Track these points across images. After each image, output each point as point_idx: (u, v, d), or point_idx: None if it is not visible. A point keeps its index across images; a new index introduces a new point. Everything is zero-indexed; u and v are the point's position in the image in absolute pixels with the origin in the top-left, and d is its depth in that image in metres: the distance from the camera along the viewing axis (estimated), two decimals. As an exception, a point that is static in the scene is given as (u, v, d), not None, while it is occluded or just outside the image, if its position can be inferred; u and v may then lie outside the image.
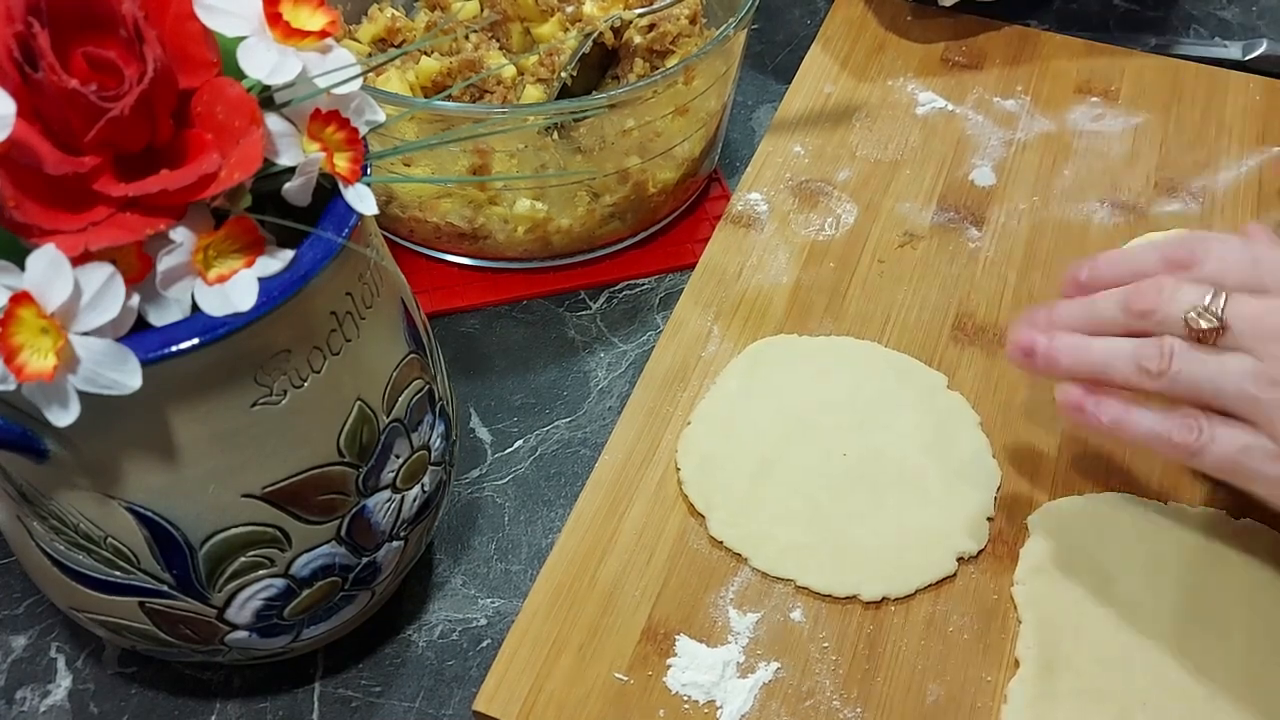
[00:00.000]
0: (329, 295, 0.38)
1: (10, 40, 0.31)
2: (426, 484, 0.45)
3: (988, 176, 0.70)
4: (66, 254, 0.31)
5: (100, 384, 0.32)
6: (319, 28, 0.35)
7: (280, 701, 0.49)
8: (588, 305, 0.65)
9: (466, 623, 0.52)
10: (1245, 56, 0.79)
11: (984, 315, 0.63)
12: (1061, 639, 0.49)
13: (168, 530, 0.38)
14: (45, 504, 0.38)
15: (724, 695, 0.48)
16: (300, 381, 0.38)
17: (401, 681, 0.50)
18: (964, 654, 0.49)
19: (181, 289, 0.34)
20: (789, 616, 0.50)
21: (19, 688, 0.49)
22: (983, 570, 0.52)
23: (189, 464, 0.37)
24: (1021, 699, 0.47)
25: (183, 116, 0.34)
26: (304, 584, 0.42)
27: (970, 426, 0.57)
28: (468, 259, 0.66)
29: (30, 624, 0.51)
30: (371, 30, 0.69)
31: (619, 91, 0.59)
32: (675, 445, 0.56)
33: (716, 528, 0.53)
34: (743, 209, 0.68)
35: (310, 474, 0.40)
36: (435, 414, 0.45)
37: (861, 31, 0.80)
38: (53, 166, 0.32)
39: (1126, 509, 0.54)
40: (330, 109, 0.36)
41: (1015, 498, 0.55)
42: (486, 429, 0.59)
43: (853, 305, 0.63)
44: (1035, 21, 0.83)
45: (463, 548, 0.55)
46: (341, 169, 0.36)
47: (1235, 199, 0.69)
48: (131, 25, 0.32)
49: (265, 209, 0.35)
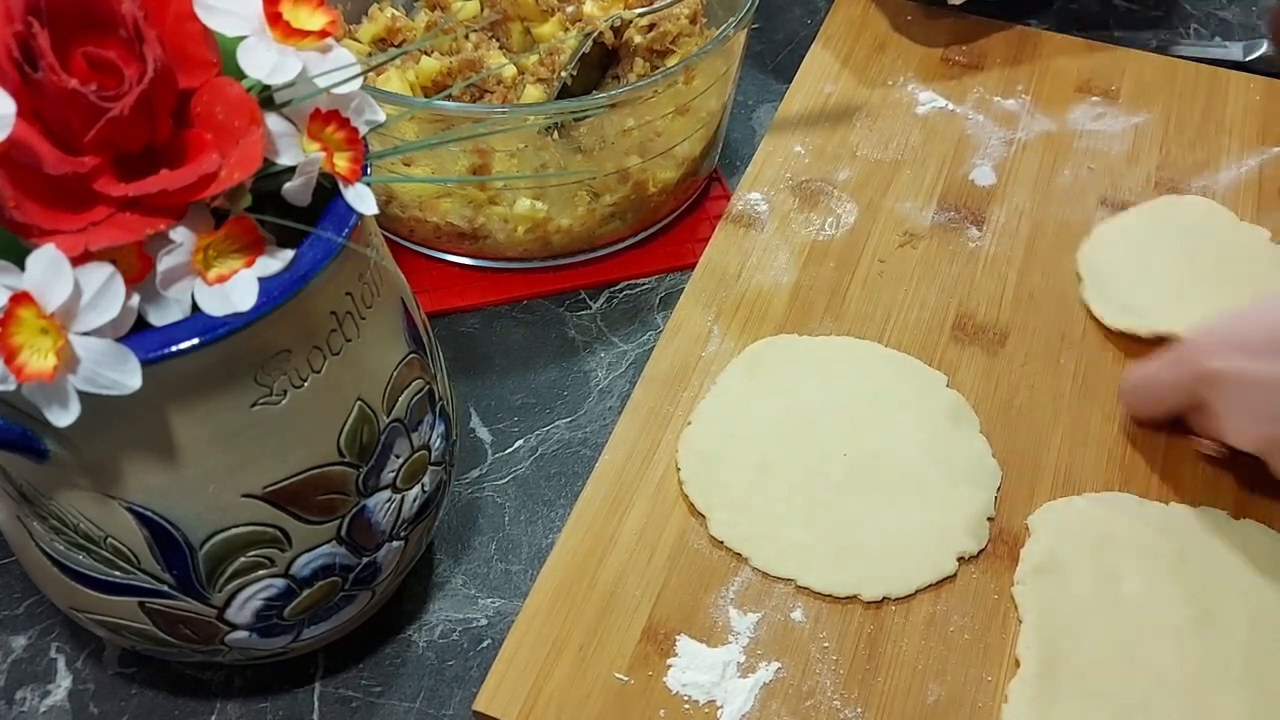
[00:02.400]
0: (329, 295, 0.38)
1: (10, 40, 0.31)
2: (427, 484, 0.45)
3: (988, 176, 0.70)
4: (66, 254, 0.31)
5: (100, 384, 0.32)
6: (319, 27, 0.35)
7: (280, 701, 0.49)
8: (588, 305, 0.65)
9: (467, 623, 0.52)
10: (1245, 57, 0.79)
11: (984, 315, 0.63)
12: (1062, 639, 0.49)
13: (168, 530, 0.38)
14: (45, 504, 0.38)
15: (724, 695, 0.48)
16: (300, 381, 0.38)
17: (401, 681, 0.50)
18: (964, 654, 0.49)
19: (181, 289, 0.34)
20: (789, 616, 0.50)
21: (19, 688, 0.49)
22: (983, 570, 0.52)
23: (189, 464, 0.37)
24: (1022, 699, 0.47)
25: (183, 116, 0.34)
26: (304, 584, 0.42)
27: (970, 426, 0.57)
28: (468, 259, 0.66)
29: (30, 624, 0.51)
30: (371, 30, 0.68)
31: (619, 91, 0.59)
32: (675, 445, 0.56)
33: (717, 528, 0.53)
34: (743, 209, 0.68)
35: (310, 474, 0.40)
36: (435, 414, 0.45)
37: (862, 31, 0.80)
38: (53, 166, 0.32)
39: (1126, 509, 0.54)
40: (330, 109, 0.36)
41: (1015, 498, 0.55)
42: (486, 429, 0.59)
43: (853, 305, 0.63)
44: (1035, 21, 0.83)
45: (463, 548, 0.55)
46: (341, 169, 0.36)
47: (1235, 199, 0.69)
48: (131, 25, 0.32)
49: (265, 209, 0.35)
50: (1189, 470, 0.56)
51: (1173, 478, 0.55)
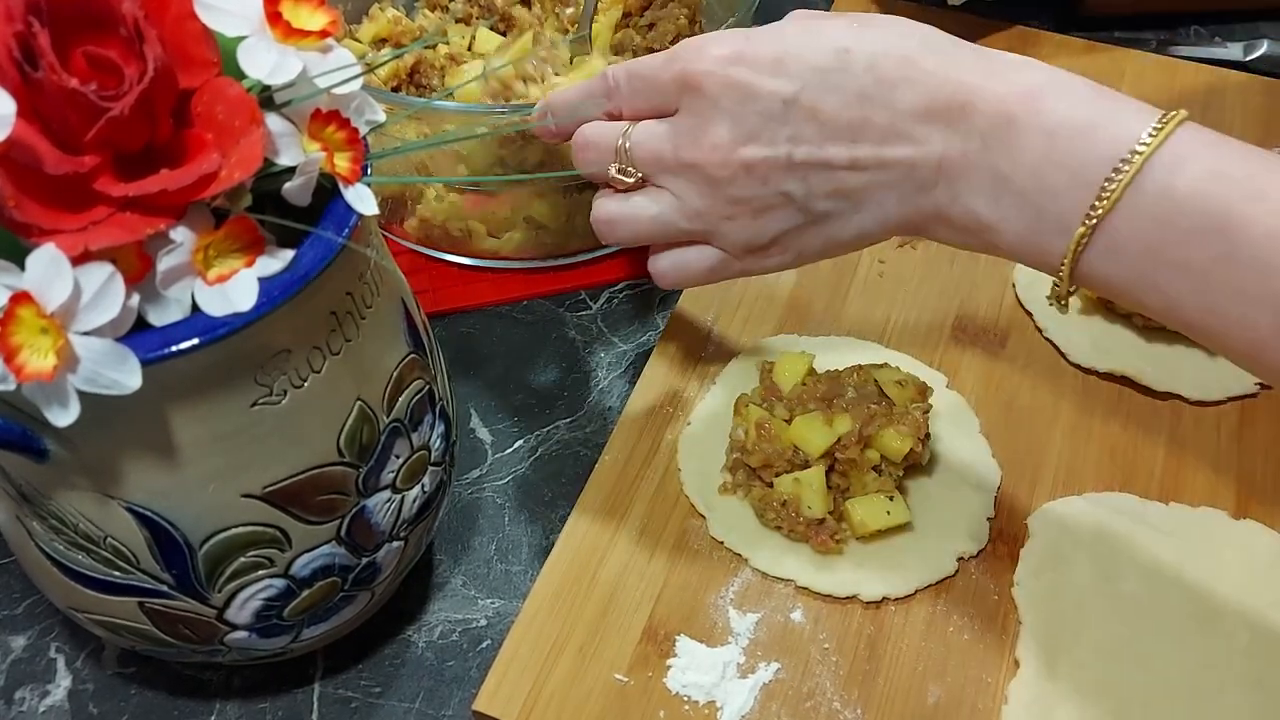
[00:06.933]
0: (329, 295, 0.38)
1: (10, 40, 0.31)
2: (426, 484, 0.45)
3: (988, 176, 0.70)
4: (66, 254, 0.31)
5: (100, 384, 0.32)
6: (319, 27, 0.35)
7: (280, 702, 0.49)
8: (588, 305, 0.65)
9: (466, 623, 0.52)
10: (1245, 57, 0.79)
11: (985, 316, 0.63)
12: (1061, 639, 0.49)
13: (167, 530, 0.38)
14: (45, 504, 0.38)
15: (724, 696, 0.48)
16: (300, 381, 0.38)
17: (401, 682, 0.50)
18: (964, 654, 0.49)
19: (181, 289, 0.34)
20: (789, 617, 0.50)
21: (18, 688, 0.49)
22: (983, 570, 0.52)
23: (189, 464, 0.37)
24: (1021, 699, 0.47)
25: (183, 116, 0.34)
26: (304, 584, 0.42)
27: (971, 426, 0.57)
28: (468, 259, 0.66)
29: (30, 624, 0.51)
30: (372, 30, 0.68)
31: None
32: (675, 445, 0.56)
33: (717, 528, 0.53)
34: (743, 209, 0.68)
35: (310, 474, 0.40)
36: (435, 414, 0.45)
37: (861, 31, 0.80)
38: (53, 166, 0.32)
39: (1126, 509, 0.54)
40: (330, 109, 0.36)
41: (1015, 498, 0.55)
42: (486, 429, 0.59)
43: (853, 306, 0.63)
44: (1035, 21, 0.83)
45: (463, 548, 0.55)
46: (342, 169, 0.36)
47: (1235, 199, 0.69)
48: (131, 25, 0.32)
49: (265, 209, 0.35)
50: (1189, 470, 0.56)
51: (1173, 478, 0.55)
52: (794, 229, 0.47)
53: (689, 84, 0.45)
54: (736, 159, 0.45)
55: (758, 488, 0.53)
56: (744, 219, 0.47)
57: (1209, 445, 0.57)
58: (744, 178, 0.45)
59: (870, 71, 0.43)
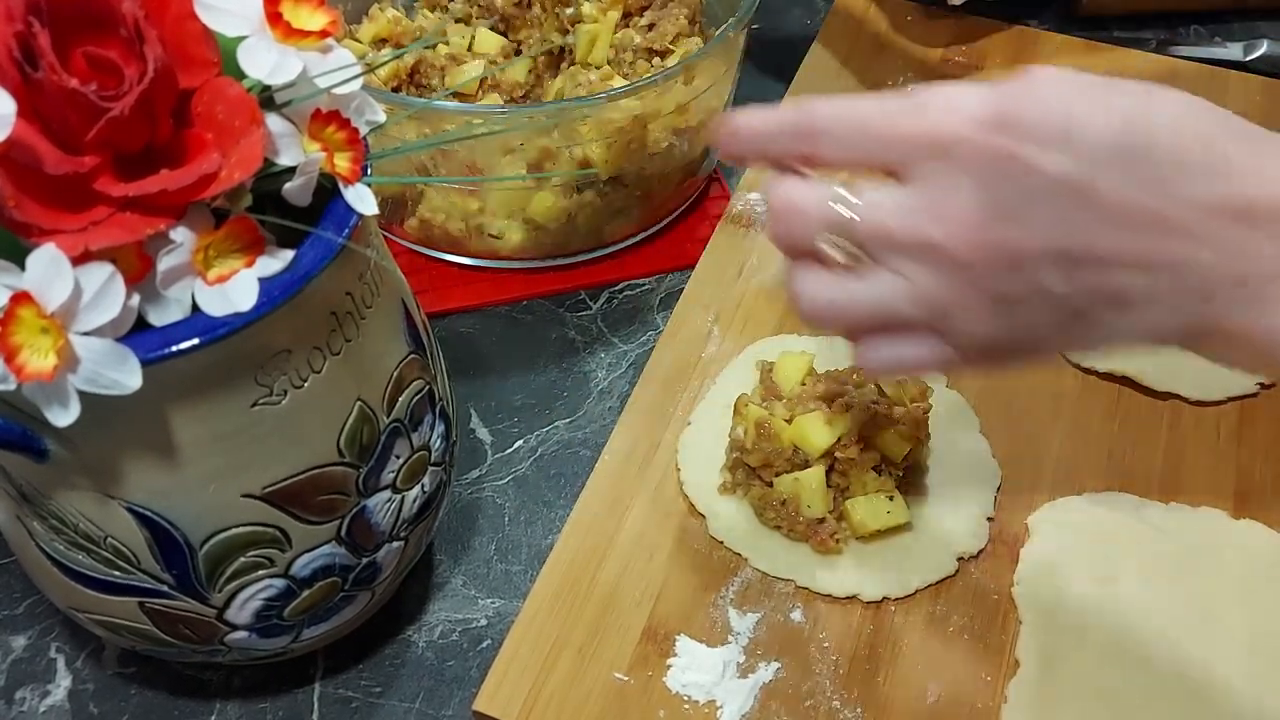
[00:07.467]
0: (329, 295, 0.38)
1: (10, 40, 0.31)
2: (426, 484, 0.45)
3: (988, 176, 0.70)
4: (66, 254, 0.31)
5: (100, 384, 0.32)
6: (319, 27, 0.35)
7: (280, 702, 0.49)
8: (588, 305, 0.65)
9: (466, 623, 0.52)
10: (1245, 57, 0.79)
11: (984, 315, 0.63)
12: (1061, 639, 0.49)
13: (168, 530, 0.38)
14: (45, 504, 0.38)
15: (724, 695, 0.48)
16: (300, 381, 0.38)
17: (401, 682, 0.50)
18: (964, 654, 0.49)
19: (181, 289, 0.34)
20: (789, 616, 0.50)
21: (19, 688, 0.49)
22: (983, 570, 0.52)
23: (189, 464, 0.37)
24: (1021, 699, 0.47)
25: (183, 116, 0.34)
26: (304, 584, 0.42)
27: (971, 426, 0.57)
28: (468, 259, 0.66)
29: (30, 624, 0.51)
30: (372, 30, 0.68)
31: (619, 90, 0.59)
32: (675, 445, 0.56)
33: (716, 528, 0.53)
34: (743, 209, 0.68)
35: (310, 474, 0.40)
36: (435, 414, 0.45)
37: (861, 31, 0.80)
38: (53, 166, 0.32)
39: (1126, 509, 0.54)
40: (331, 109, 0.36)
41: (1015, 498, 0.55)
42: (486, 429, 0.59)
43: (853, 305, 0.63)
44: (1035, 21, 0.83)
45: (463, 548, 0.55)
46: (342, 169, 0.36)
47: (1235, 199, 0.69)
48: (132, 25, 0.32)
49: (265, 209, 0.35)
50: (1189, 470, 0.56)
51: (1173, 478, 0.55)
52: (1040, 328, 0.38)
53: (938, 147, 0.37)
54: (988, 240, 0.37)
55: (757, 487, 0.53)
56: (984, 312, 0.38)
57: (1209, 445, 0.57)
58: (994, 262, 0.37)
59: (1170, 155, 0.36)
